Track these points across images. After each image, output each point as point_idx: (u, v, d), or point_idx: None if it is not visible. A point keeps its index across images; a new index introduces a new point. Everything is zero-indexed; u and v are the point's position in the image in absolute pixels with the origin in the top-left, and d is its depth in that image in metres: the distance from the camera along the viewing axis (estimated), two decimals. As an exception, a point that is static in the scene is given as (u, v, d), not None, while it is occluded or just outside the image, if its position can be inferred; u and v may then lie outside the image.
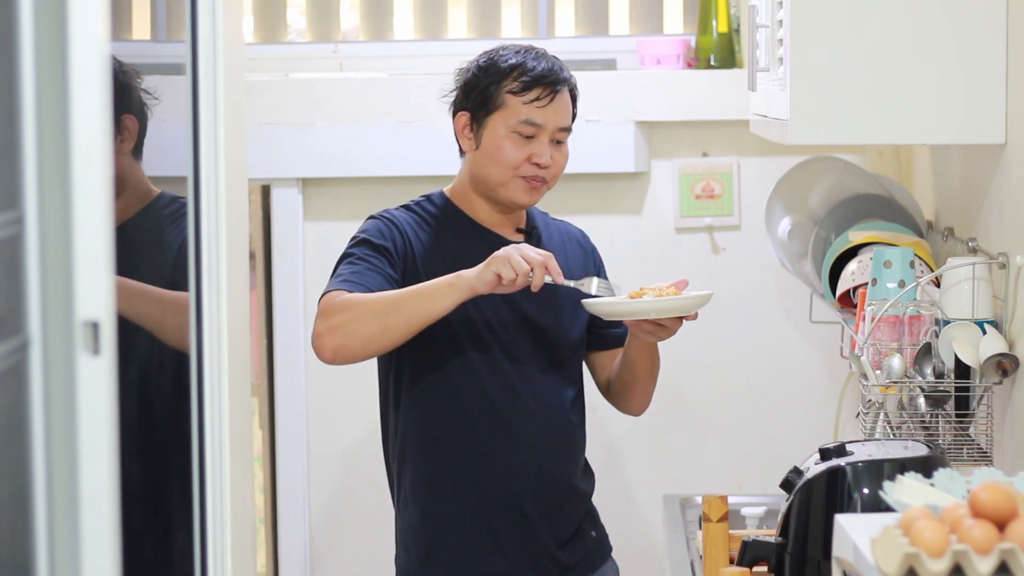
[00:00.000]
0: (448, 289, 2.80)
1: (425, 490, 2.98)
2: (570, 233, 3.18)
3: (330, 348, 2.81)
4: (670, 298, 2.84)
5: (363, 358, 2.89)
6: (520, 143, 2.96)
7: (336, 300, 2.83)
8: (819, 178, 3.69)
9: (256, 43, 4.38)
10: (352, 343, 2.81)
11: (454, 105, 3.05)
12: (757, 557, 2.68)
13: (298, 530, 4.24)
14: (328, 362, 2.84)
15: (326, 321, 2.82)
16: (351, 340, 2.81)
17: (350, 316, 2.80)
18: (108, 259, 1.87)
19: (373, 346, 2.84)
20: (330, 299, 2.85)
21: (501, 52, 3.01)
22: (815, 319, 3.84)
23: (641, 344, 3.02)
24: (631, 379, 3.09)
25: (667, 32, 4.36)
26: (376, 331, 2.80)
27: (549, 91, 2.97)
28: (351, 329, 2.80)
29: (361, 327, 2.80)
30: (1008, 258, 2.86)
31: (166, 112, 2.60)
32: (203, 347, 2.29)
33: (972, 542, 1.89)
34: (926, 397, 2.86)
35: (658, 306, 2.83)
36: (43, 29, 1.84)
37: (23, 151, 1.84)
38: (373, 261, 2.90)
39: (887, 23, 2.95)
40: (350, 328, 2.80)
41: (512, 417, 2.97)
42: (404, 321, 2.81)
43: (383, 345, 2.85)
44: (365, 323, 2.80)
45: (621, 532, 4.07)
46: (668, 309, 2.84)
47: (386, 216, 3.01)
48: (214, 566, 2.29)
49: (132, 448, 2.27)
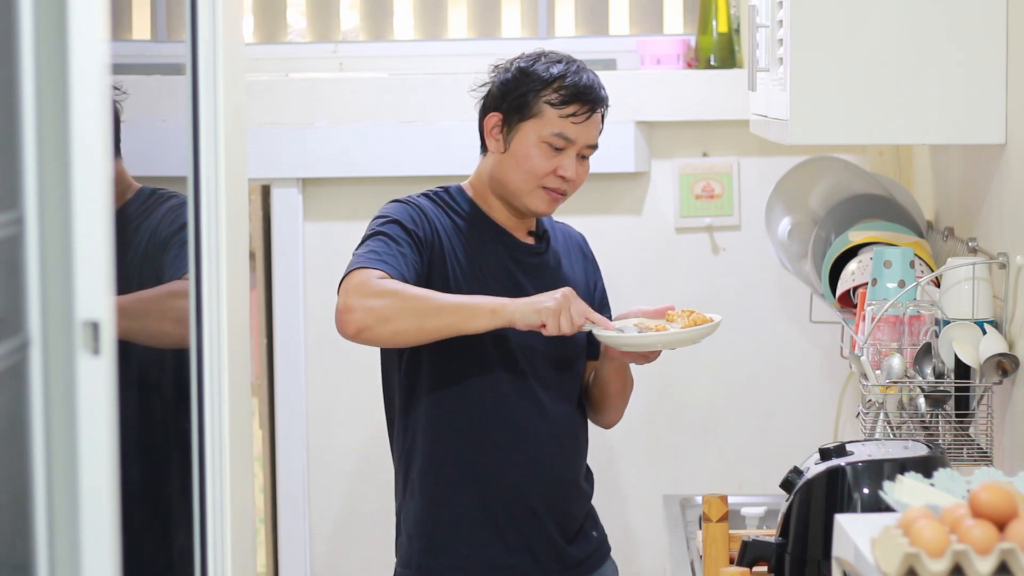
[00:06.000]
0: (489, 315, 2.79)
1: (432, 481, 2.98)
2: (573, 238, 3.18)
3: (357, 326, 2.76)
4: (683, 330, 2.83)
5: (384, 346, 2.88)
6: (549, 154, 2.95)
7: (376, 281, 2.78)
8: (819, 178, 3.69)
9: (256, 43, 4.38)
10: (382, 331, 2.77)
11: (485, 102, 3.02)
12: (757, 557, 2.68)
13: (298, 530, 4.24)
14: (348, 338, 2.79)
15: (361, 299, 2.76)
16: (383, 328, 2.77)
17: (389, 304, 2.76)
18: (108, 259, 1.88)
19: (400, 340, 2.82)
20: (368, 277, 2.79)
21: (543, 59, 2.98)
22: (815, 319, 3.85)
23: (615, 365, 3.03)
24: (601, 395, 3.10)
25: (667, 32, 4.36)
26: (409, 328, 2.78)
27: (587, 108, 2.95)
28: (386, 316, 2.76)
29: (397, 320, 2.76)
30: (1008, 258, 2.86)
31: (166, 112, 2.61)
32: (203, 347, 2.29)
33: (972, 542, 1.89)
34: (926, 397, 2.86)
35: (668, 339, 2.84)
36: (43, 29, 1.84)
37: (23, 151, 1.84)
38: (405, 247, 2.87)
39: (887, 23, 2.95)
40: (386, 315, 2.76)
41: (523, 414, 2.97)
42: (438, 329, 2.80)
43: (409, 342, 2.84)
44: (402, 318, 2.76)
45: (621, 532, 4.08)
46: (680, 341, 2.85)
47: (413, 202, 2.97)
48: (214, 566, 2.29)
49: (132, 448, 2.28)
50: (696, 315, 2.87)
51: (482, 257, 2.96)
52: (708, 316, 2.87)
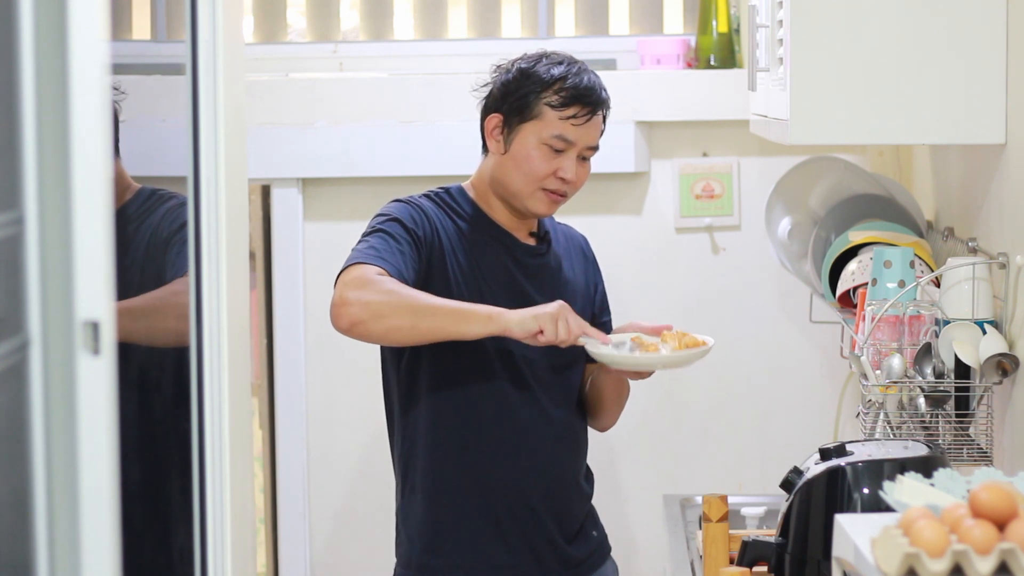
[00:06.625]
0: (485, 321, 2.78)
1: (433, 481, 2.98)
2: (574, 239, 3.18)
3: (351, 319, 2.76)
4: (675, 354, 2.85)
5: (376, 343, 2.89)
6: (549, 156, 2.95)
7: (374, 276, 2.78)
8: (819, 178, 3.70)
9: (256, 43, 4.38)
10: (376, 327, 2.77)
11: (487, 103, 3.02)
12: (757, 557, 2.68)
13: (298, 530, 4.24)
14: (341, 331, 2.79)
15: (357, 293, 2.76)
16: (376, 324, 2.76)
17: (385, 301, 2.76)
18: (108, 259, 1.88)
19: (393, 337, 2.82)
20: (365, 272, 2.79)
21: (544, 60, 2.98)
22: (815, 319, 3.85)
23: (611, 375, 3.04)
24: (597, 401, 3.11)
25: (667, 32, 4.36)
26: (403, 326, 2.78)
27: (587, 110, 2.95)
28: (381, 313, 2.76)
29: (391, 317, 2.76)
30: (1008, 258, 2.86)
31: (166, 112, 2.61)
32: (203, 347, 2.29)
33: (972, 542, 1.89)
34: (926, 397, 2.86)
35: (665, 360, 2.86)
36: (43, 29, 1.84)
37: (23, 151, 1.84)
38: (404, 246, 2.87)
39: (887, 23, 2.95)
40: (381, 312, 2.76)
41: (524, 414, 2.97)
42: (432, 330, 2.79)
43: (402, 340, 2.84)
44: (397, 315, 2.76)
45: (621, 532, 4.08)
46: (671, 364, 2.88)
47: (414, 202, 2.97)
48: (214, 566, 2.29)
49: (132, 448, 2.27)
50: (688, 338, 2.88)
51: (483, 258, 2.96)
52: (701, 339, 2.89)
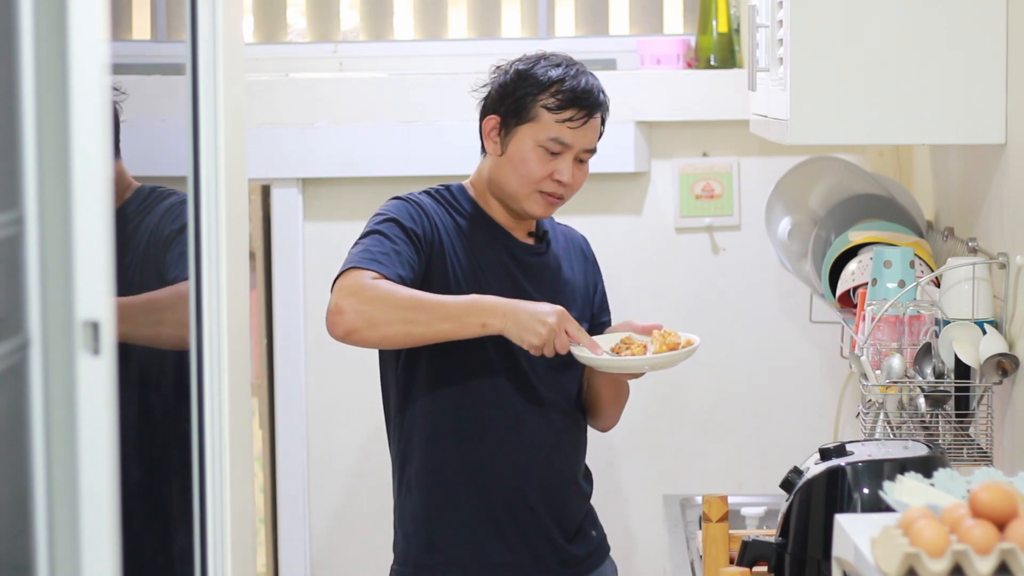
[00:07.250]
0: (478, 327, 2.80)
1: (431, 478, 2.98)
2: (574, 240, 3.18)
3: (346, 328, 2.77)
4: (661, 355, 2.86)
5: (373, 349, 2.90)
6: (545, 158, 2.94)
7: (369, 282, 2.78)
8: (819, 178, 3.69)
9: (256, 43, 4.38)
10: (371, 335, 2.79)
11: (485, 104, 3.02)
12: (757, 557, 2.68)
13: (298, 530, 4.24)
14: (337, 339, 2.80)
15: (351, 301, 2.77)
16: (371, 332, 2.78)
17: (380, 308, 2.77)
18: (108, 259, 1.88)
19: (389, 343, 2.85)
20: (360, 279, 2.79)
21: (543, 62, 2.97)
22: (815, 319, 3.85)
23: (607, 375, 3.03)
24: (595, 402, 3.11)
25: (667, 32, 4.36)
26: (398, 332, 2.79)
27: (584, 113, 2.94)
28: (376, 321, 2.77)
29: (386, 325, 2.77)
30: (1008, 258, 2.86)
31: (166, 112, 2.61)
32: (203, 347, 2.29)
33: (972, 542, 1.89)
34: (926, 397, 2.86)
35: (652, 363, 2.88)
36: (43, 29, 1.84)
37: (23, 151, 1.84)
38: (401, 245, 2.87)
39: (887, 23, 2.95)
40: (375, 320, 2.77)
41: (523, 412, 2.98)
42: (426, 336, 2.81)
43: (397, 345, 2.88)
44: (392, 323, 2.77)
45: (621, 532, 4.08)
46: (657, 365, 2.89)
47: (413, 199, 2.97)
48: (214, 566, 2.29)
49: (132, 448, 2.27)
50: (672, 337, 2.89)
51: (482, 256, 2.97)
52: (686, 339, 2.90)
